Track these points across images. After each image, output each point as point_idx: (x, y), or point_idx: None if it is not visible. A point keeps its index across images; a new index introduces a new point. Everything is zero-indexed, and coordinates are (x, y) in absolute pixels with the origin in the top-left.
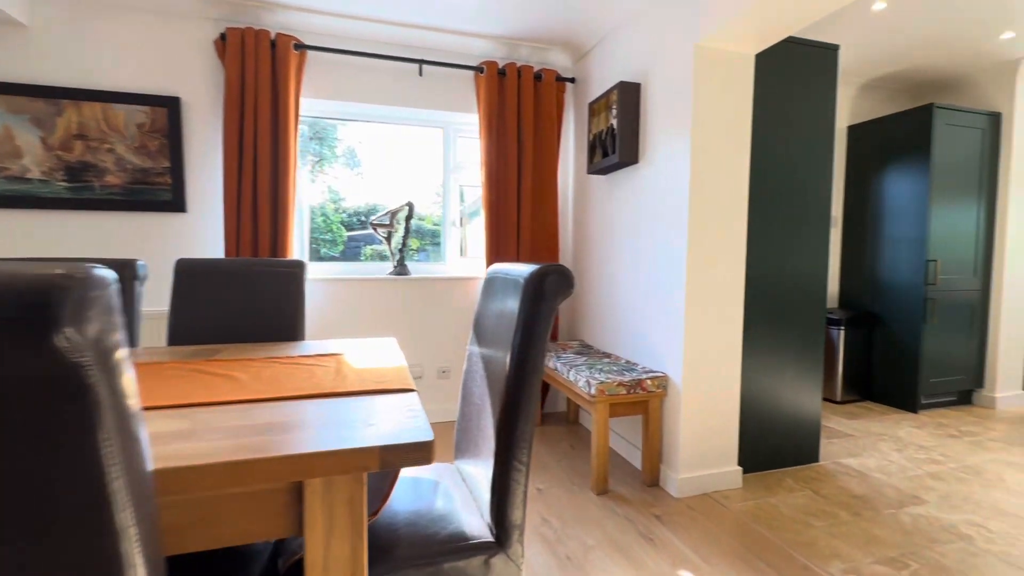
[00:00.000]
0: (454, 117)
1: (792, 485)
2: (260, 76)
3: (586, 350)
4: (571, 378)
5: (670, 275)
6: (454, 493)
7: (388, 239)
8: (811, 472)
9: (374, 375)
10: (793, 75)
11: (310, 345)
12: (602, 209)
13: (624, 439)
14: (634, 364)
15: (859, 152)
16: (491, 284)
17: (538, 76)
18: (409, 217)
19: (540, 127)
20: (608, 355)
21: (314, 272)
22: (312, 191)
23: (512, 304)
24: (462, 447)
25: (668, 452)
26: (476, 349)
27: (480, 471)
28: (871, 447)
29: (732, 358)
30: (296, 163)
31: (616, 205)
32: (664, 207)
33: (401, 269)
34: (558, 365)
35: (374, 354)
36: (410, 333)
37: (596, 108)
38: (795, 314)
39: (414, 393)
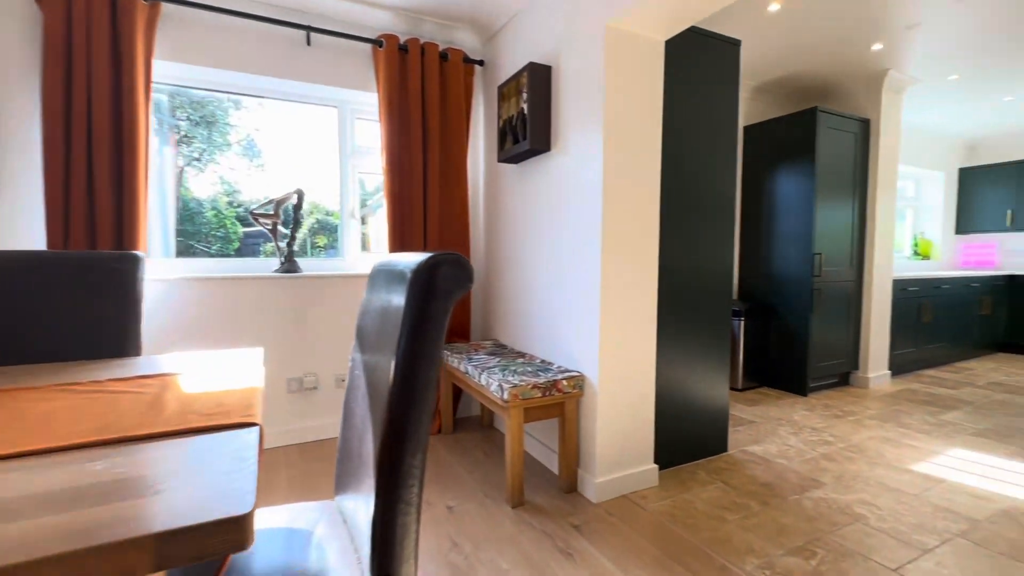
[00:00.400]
0: (350, 96)
1: (705, 478)
2: (95, 28)
3: (500, 350)
4: (483, 382)
5: (585, 270)
6: (330, 544)
7: (274, 231)
8: (721, 463)
9: (208, 403)
10: (700, 69)
11: (139, 363)
12: (514, 200)
13: (541, 443)
14: (549, 364)
15: (754, 152)
16: (375, 278)
17: (444, 56)
18: (298, 207)
19: (447, 111)
20: (523, 355)
21: (179, 270)
22: (202, 182)
23: (398, 301)
24: (343, 480)
25: (585, 456)
26: (359, 357)
27: (362, 513)
28: (772, 433)
29: (647, 354)
30: (146, 139)
31: (529, 195)
32: (578, 198)
33: (290, 266)
34: (469, 368)
35: (223, 372)
36: (303, 338)
37: (506, 92)
38: (705, 307)
39: (255, 429)
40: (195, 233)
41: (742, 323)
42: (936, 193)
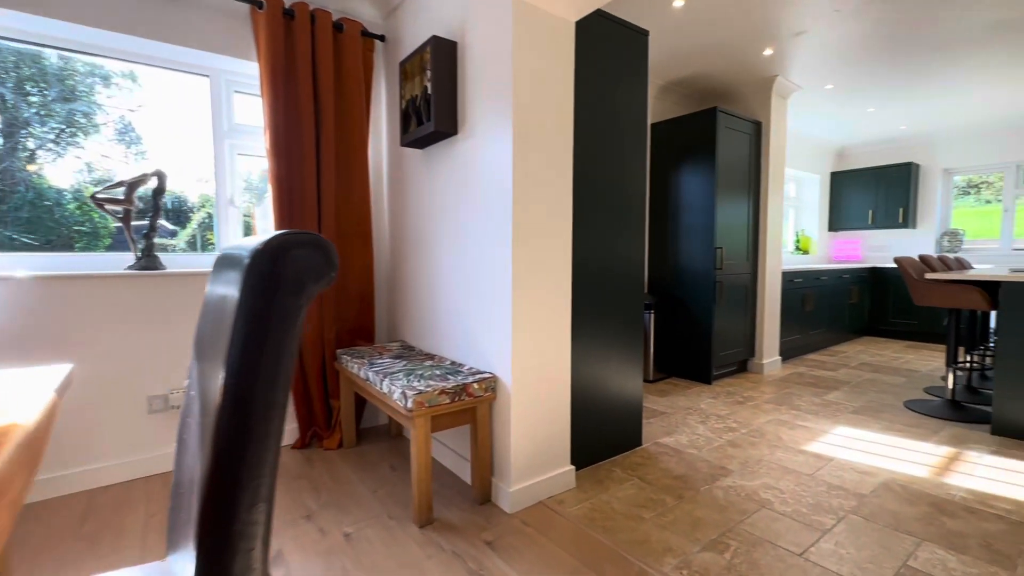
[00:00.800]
0: (226, 64)
1: (622, 476)
2: None
3: (407, 353)
4: (385, 389)
5: (496, 264)
6: None
7: (126, 220)
8: (636, 457)
9: None
10: (610, 61)
11: None
12: (421, 188)
13: (453, 451)
14: (460, 366)
15: (660, 149)
16: (218, 266)
17: (338, 26)
18: (159, 192)
19: (344, 88)
20: (432, 357)
21: None
22: (62, 169)
23: (233, 294)
24: (173, 536)
25: (500, 463)
26: (195, 370)
27: None
28: (682, 423)
29: (562, 351)
30: None
31: (436, 183)
32: (487, 187)
33: (148, 262)
34: (370, 374)
35: None
36: (168, 348)
37: (409, 69)
38: (619, 302)
39: None
40: (52, 228)
41: (652, 316)
42: (813, 194)
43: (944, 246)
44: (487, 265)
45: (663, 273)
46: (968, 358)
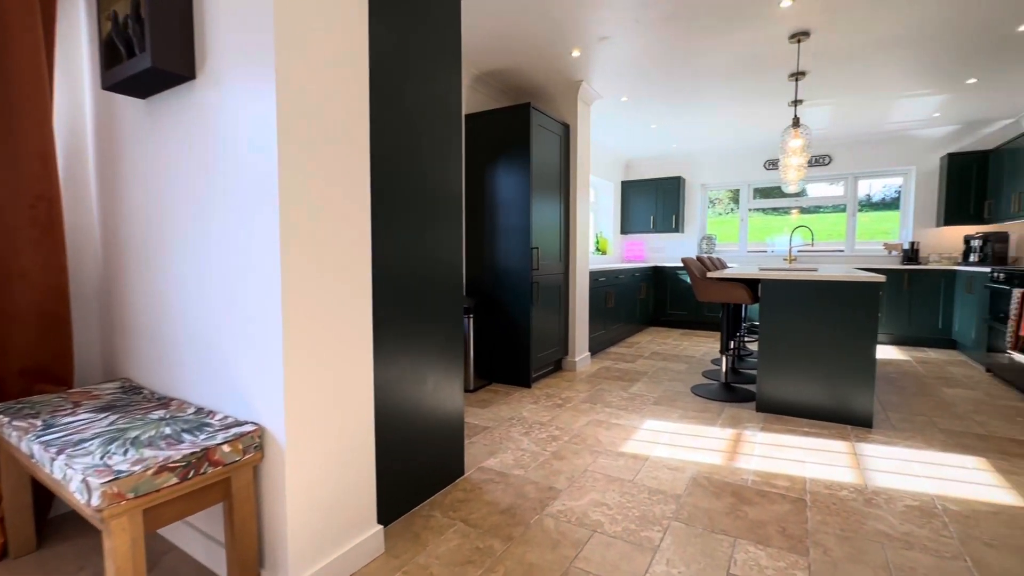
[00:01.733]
0: None
1: (442, 522)
2: None
3: (127, 399)
4: (58, 474)
5: (258, 267)
6: None
7: None
8: (459, 492)
9: None
10: (418, 36)
11: None
12: (145, 157)
13: (203, 534)
14: (210, 415)
15: (476, 142)
16: None
17: None
18: None
19: None
20: (166, 403)
21: None
22: None
23: None
24: None
25: (271, 547)
26: None
27: None
28: (506, 438)
29: (360, 379)
30: None
31: (168, 150)
32: (243, 160)
33: None
34: (35, 448)
35: None
36: None
37: None
38: (436, 309)
39: None
40: None
41: (471, 320)
42: (609, 199)
43: (703, 248)
44: (245, 270)
45: (481, 274)
46: (732, 344)
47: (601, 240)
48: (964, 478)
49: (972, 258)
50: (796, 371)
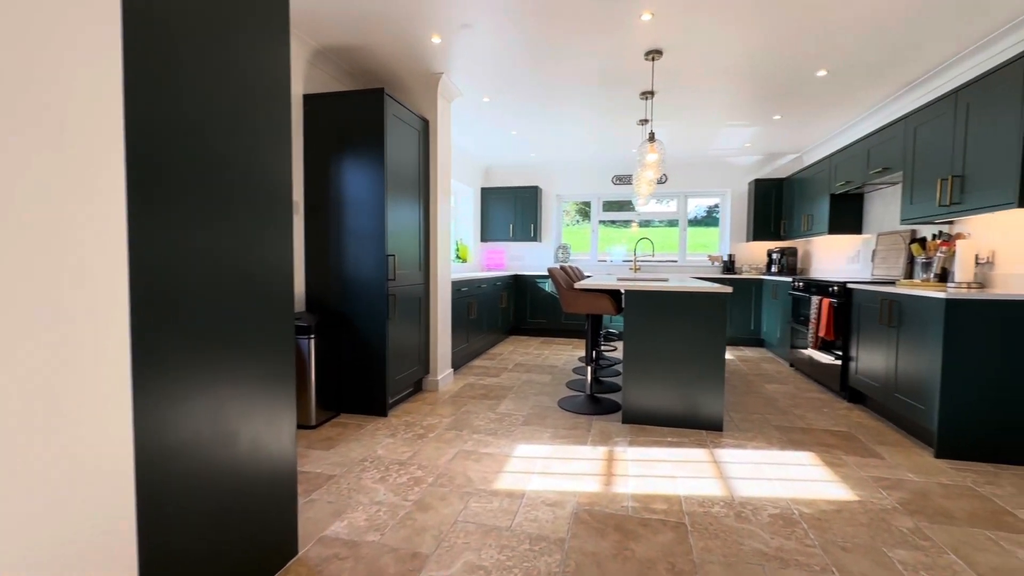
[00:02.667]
0: None
1: None
2: None
3: None
4: None
5: None
6: None
7: None
8: None
9: None
10: None
11: None
12: None
13: None
14: None
15: (318, 128)
16: None
17: None
18: None
19: None
20: None
21: None
22: None
23: None
24: None
25: None
26: None
27: None
28: (356, 488)
29: (103, 440)
30: None
31: None
32: None
33: None
34: None
35: None
36: None
37: None
38: (254, 333)
39: None
40: None
41: (312, 341)
42: (469, 205)
43: (560, 257)
44: None
45: (326, 285)
46: (594, 354)
47: (462, 247)
48: (804, 476)
49: (773, 269)
50: (658, 381)
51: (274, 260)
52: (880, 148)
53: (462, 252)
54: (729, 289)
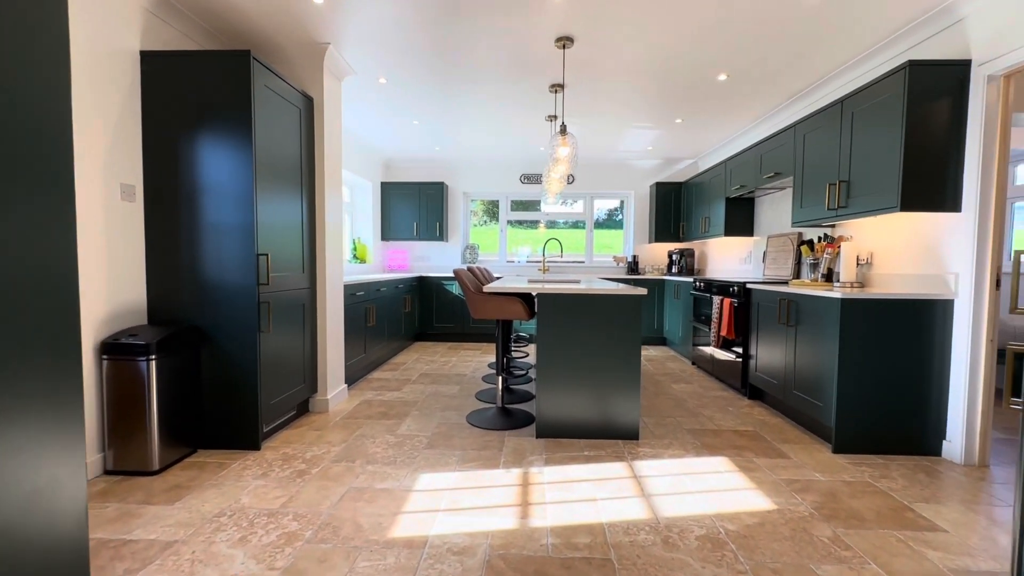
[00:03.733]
0: None
1: None
2: None
3: None
4: None
5: None
6: None
7: None
8: None
9: None
10: None
11: None
12: None
13: None
14: None
15: (162, 95)
16: None
17: None
18: None
19: None
20: None
21: None
22: None
23: None
24: None
25: None
26: None
27: None
28: (203, 558)
29: None
30: None
31: None
32: None
33: None
34: None
35: None
36: None
37: None
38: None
39: None
40: None
41: (152, 363)
42: (367, 201)
43: (467, 257)
44: None
45: (176, 292)
46: (505, 361)
47: (360, 247)
48: (723, 485)
49: (674, 269)
50: (572, 390)
51: (44, 257)
52: (772, 154)
53: (360, 252)
54: (643, 291)
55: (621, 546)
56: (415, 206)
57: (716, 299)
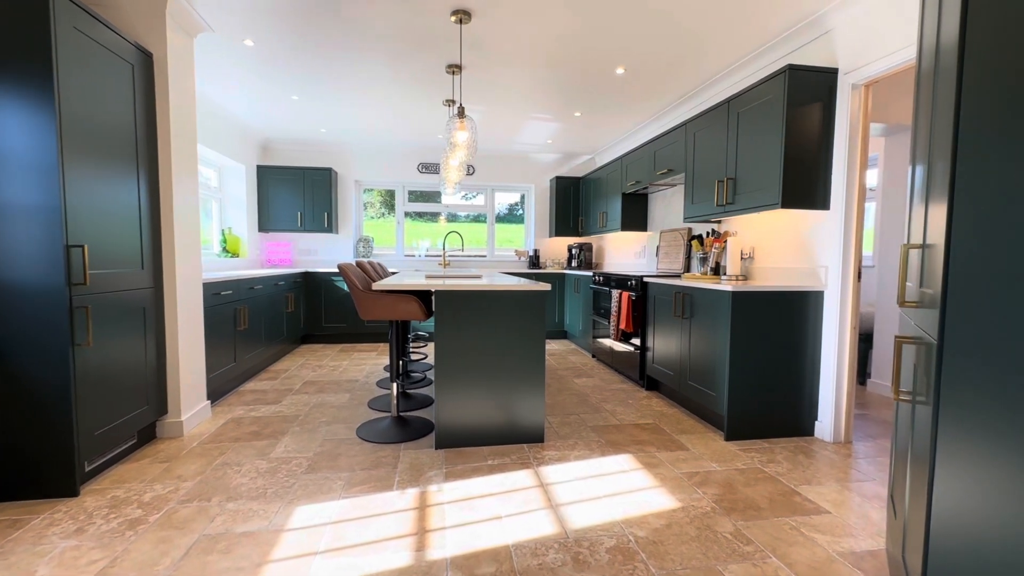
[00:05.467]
0: None
1: None
2: None
3: None
4: None
5: None
6: None
7: None
8: None
9: None
10: None
11: None
12: None
13: None
14: None
15: None
16: None
17: None
18: None
19: None
20: None
21: None
22: None
23: None
24: None
25: None
26: None
27: None
28: None
29: None
30: None
31: None
32: None
33: None
34: None
35: None
36: None
37: None
38: None
39: None
40: None
41: None
42: (240, 187)
43: (360, 251)
44: None
45: None
46: (401, 365)
47: (231, 239)
48: (629, 486)
49: (573, 263)
50: (474, 393)
51: None
52: (664, 151)
53: (232, 245)
54: (547, 287)
55: (529, 571)
56: (299, 193)
57: (615, 293)
